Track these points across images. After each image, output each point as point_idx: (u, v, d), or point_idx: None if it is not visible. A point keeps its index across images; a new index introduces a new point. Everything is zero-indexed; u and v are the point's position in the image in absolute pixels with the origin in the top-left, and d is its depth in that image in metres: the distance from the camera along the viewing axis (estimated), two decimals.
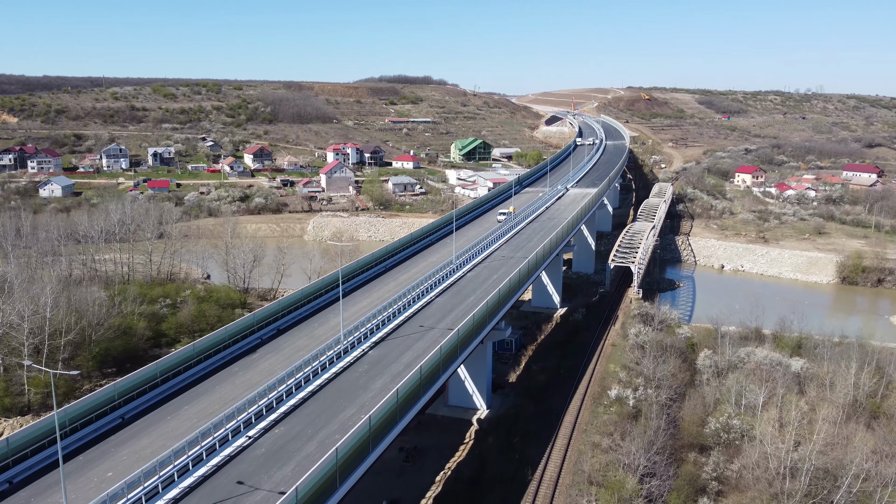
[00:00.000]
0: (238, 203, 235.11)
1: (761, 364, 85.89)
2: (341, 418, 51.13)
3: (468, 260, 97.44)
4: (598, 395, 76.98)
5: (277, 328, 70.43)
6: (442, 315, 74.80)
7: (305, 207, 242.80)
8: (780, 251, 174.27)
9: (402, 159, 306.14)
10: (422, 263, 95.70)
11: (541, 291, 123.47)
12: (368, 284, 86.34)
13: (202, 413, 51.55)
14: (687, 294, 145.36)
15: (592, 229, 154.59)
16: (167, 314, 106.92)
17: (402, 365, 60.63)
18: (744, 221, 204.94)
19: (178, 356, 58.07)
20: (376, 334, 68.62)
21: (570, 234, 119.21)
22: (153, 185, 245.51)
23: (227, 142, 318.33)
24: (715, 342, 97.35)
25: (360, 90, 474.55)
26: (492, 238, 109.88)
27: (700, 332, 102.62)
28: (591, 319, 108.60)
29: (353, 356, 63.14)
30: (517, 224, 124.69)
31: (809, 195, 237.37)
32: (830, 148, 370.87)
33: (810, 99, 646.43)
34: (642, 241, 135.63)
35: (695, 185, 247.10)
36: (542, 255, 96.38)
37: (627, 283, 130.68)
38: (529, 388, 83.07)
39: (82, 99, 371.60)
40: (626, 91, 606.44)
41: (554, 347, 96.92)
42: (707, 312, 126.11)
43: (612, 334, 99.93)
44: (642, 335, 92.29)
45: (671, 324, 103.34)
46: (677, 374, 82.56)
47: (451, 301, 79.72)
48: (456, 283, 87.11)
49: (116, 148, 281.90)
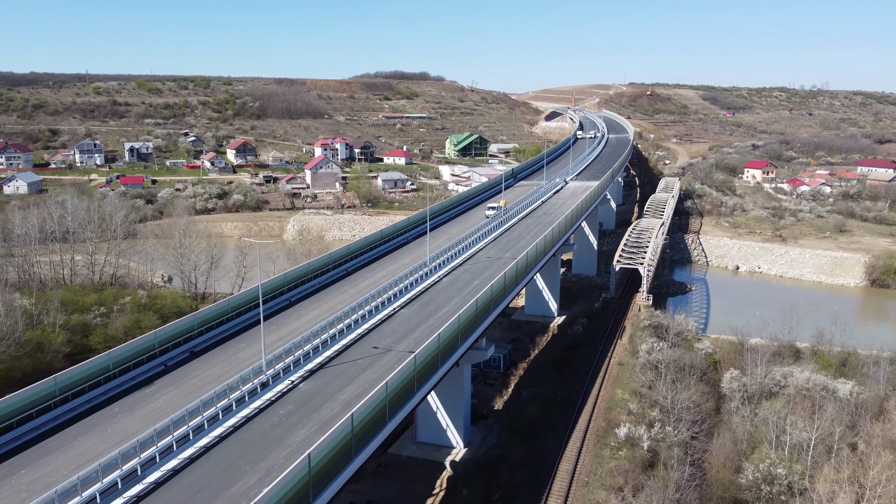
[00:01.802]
0: (215, 200, 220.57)
1: (801, 388, 70.25)
2: (232, 494, 35.35)
3: (447, 261, 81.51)
4: (603, 433, 60.94)
5: (191, 350, 54.74)
6: (405, 331, 59.11)
7: (287, 205, 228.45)
8: (800, 251, 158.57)
9: (394, 155, 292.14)
10: (390, 266, 79.84)
11: (535, 297, 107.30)
12: (321, 292, 70.53)
13: (39, 484, 35.92)
14: (700, 299, 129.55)
15: (595, 227, 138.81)
16: (100, 324, 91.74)
17: (338, 405, 44.93)
18: (757, 219, 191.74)
19: (27, 395, 42.37)
20: (315, 358, 52.87)
21: (568, 232, 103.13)
22: (125, 182, 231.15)
23: (209, 137, 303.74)
24: (741, 359, 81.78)
25: (354, 85, 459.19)
26: (477, 236, 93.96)
27: (722, 347, 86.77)
28: (594, 331, 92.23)
29: (276, 391, 47.32)
30: (508, 220, 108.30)
31: (825, 191, 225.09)
32: (840, 144, 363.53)
33: (816, 95, 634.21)
34: (651, 240, 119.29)
35: (703, 181, 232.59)
36: (535, 255, 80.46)
37: (635, 288, 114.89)
38: (517, 422, 67.03)
39: (63, 94, 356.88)
40: (628, 87, 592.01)
41: (549, 366, 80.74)
42: (725, 321, 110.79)
43: (618, 350, 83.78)
44: (655, 352, 76.35)
45: (688, 336, 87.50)
46: (700, 402, 66.90)
47: (420, 313, 63.96)
48: (428, 291, 71.21)
49: (90, 143, 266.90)
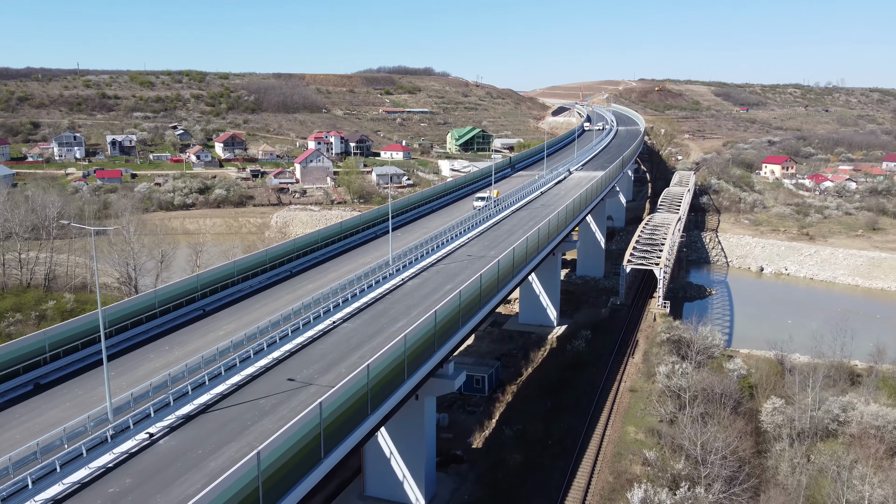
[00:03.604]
0: (195, 195, 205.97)
1: (868, 426, 54.25)
2: None
3: (417, 260, 65.89)
4: (610, 494, 45.05)
5: (35, 382, 39.32)
6: (340, 354, 43.54)
7: (274, 200, 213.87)
8: (831, 250, 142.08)
9: (392, 149, 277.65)
10: (347, 266, 64.14)
11: (531, 303, 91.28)
12: (250, 298, 54.98)
13: None
14: (722, 305, 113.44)
15: (602, 222, 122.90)
16: (13, 333, 77.64)
17: (201, 478, 29.39)
18: (780, 216, 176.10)
19: None
20: (198, 396, 37.26)
21: (569, 225, 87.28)
22: (102, 176, 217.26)
23: (198, 130, 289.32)
24: (782, 381, 65.93)
25: (355, 80, 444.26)
26: (460, 230, 78.28)
27: (757, 366, 70.80)
28: (600, 346, 75.83)
29: (116, 453, 31.73)
30: (500, 212, 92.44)
31: (850, 187, 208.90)
32: (860, 140, 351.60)
33: (832, 92, 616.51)
34: (667, 237, 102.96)
35: (719, 176, 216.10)
36: (525, 253, 64.70)
37: (648, 292, 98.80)
38: (498, 470, 51.14)
39: (51, 87, 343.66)
40: (638, 83, 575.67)
41: (544, 391, 64.70)
42: (754, 331, 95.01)
43: (629, 372, 67.56)
44: (677, 376, 60.26)
45: (715, 353, 71.41)
46: (737, 445, 51.01)
47: (366, 328, 48.31)
48: (385, 297, 55.52)
49: (70, 135, 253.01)
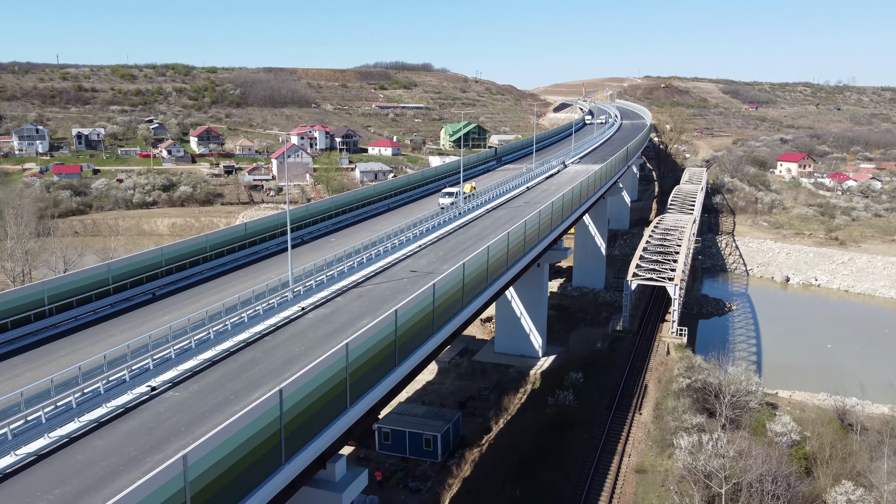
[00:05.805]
0: (159, 193, 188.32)
1: None
2: None
3: (334, 278, 46.95)
4: None
5: None
6: (161, 439, 25.06)
7: (245, 198, 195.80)
8: (868, 258, 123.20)
9: (380, 144, 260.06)
10: (233, 288, 45.32)
11: (510, 327, 72.25)
12: (50, 344, 36.28)
13: None
14: (745, 323, 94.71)
15: (603, 224, 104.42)
16: None
17: None
18: (802, 217, 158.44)
19: None
20: None
21: (559, 228, 68.64)
22: (59, 171, 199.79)
23: (173, 124, 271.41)
24: (848, 448, 47.36)
25: (348, 74, 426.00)
26: (411, 234, 59.51)
27: (808, 420, 51.99)
28: (595, 393, 55.40)
29: None
30: (472, 210, 73.51)
31: (875, 186, 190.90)
32: (877, 138, 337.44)
33: (842, 90, 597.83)
34: (682, 243, 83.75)
35: (732, 174, 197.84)
36: (484, 267, 46.02)
37: (659, 313, 79.84)
38: None
39: (26, 79, 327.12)
40: (643, 80, 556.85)
41: (514, 466, 45.19)
42: (786, 360, 76.64)
43: (635, 438, 48.11)
44: (705, 453, 41.21)
45: (751, 402, 52.43)
46: None
47: (208, 398, 29.58)
48: (265, 339, 36.74)
49: (32, 128, 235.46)
